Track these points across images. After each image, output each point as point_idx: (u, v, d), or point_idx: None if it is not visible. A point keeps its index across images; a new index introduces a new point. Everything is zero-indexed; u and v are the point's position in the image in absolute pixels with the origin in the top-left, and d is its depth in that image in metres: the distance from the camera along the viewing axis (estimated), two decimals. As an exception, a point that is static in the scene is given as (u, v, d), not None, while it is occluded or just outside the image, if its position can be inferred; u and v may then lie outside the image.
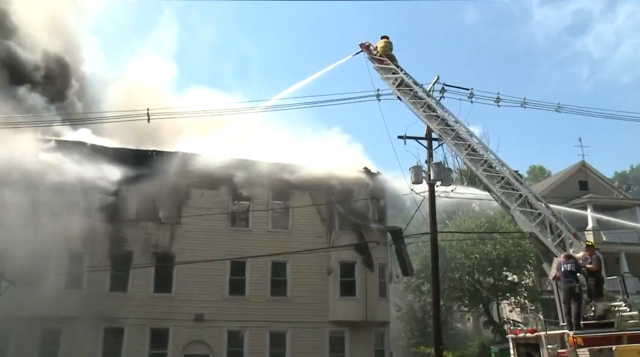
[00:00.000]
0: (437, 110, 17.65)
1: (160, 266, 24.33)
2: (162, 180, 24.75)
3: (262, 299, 25.01)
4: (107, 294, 23.79)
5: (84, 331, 23.12)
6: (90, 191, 24.07)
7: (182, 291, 24.30)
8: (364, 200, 26.49)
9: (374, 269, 25.98)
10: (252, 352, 24.43)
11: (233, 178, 25.55)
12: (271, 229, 25.96)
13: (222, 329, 24.37)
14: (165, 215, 25.09)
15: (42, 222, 22.47)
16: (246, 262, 24.65)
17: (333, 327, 25.37)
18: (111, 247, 24.20)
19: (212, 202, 25.18)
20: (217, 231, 24.91)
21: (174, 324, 24.03)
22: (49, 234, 22.51)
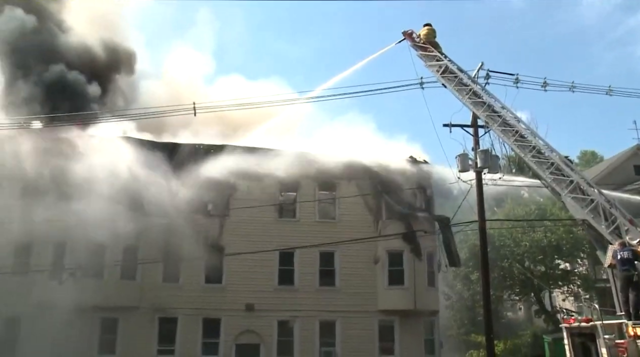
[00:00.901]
0: (483, 96, 17.44)
1: (211, 258, 24.83)
2: (210, 173, 25.22)
3: (311, 288, 25.27)
4: (160, 285, 24.50)
5: (140, 320, 23.97)
6: (141, 185, 24.79)
7: (233, 281, 24.80)
8: (410, 189, 26.36)
9: (422, 258, 25.87)
10: (302, 342, 24.72)
11: (279, 170, 25.83)
12: (318, 219, 26.16)
13: (272, 319, 24.76)
14: (214, 208, 25.59)
15: (97, 216, 23.35)
16: (294, 253, 24.92)
17: (382, 317, 25.41)
18: (163, 240, 24.81)
19: (260, 194, 25.53)
20: (265, 222, 25.27)
21: (226, 314, 24.57)
22: (104, 227, 23.38)
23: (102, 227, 23.43)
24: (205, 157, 25.39)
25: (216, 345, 24.41)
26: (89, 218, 23.30)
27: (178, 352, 24.10)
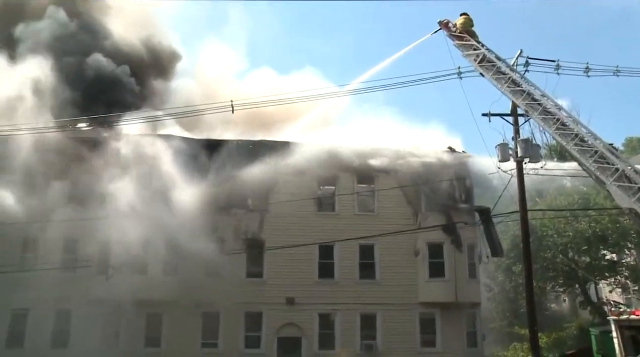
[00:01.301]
0: (522, 84, 17.18)
1: (251, 252, 25.13)
2: (249, 168, 25.51)
3: (352, 282, 25.33)
4: (202, 280, 24.85)
5: (184, 314, 24.42)
6: (183, 181, 25.28)
7: (273, 275, 25.05)
8: (449, 180, 26.15)
9: (462, 249, 25.65)
10: (343, 335, 24.82)
11: (318, 163, 25.96)
12: (357, 212, 26.18)
13: (313, 312, 24.92)
14: (253, 202, 25.87)
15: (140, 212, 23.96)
16: (334, 246, 25.01)
17: (423, 309, 25.31)
18: (204, 235, 25.22)
19: (299, 188, 25.68)
20: (304, 216, 25.42)
21: (267, 307, 24.84)
22: (147, 223, 23.96)
23: (144, 223, 24.08)
24: (243, 153, 25.66)
25: (258, 338, 24.71)
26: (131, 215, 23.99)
27: (221, 346, 24.51)
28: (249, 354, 23.95)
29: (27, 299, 23.68)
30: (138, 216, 23.99)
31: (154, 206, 24.44)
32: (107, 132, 25.05)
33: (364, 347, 24.60)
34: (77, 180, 24.90)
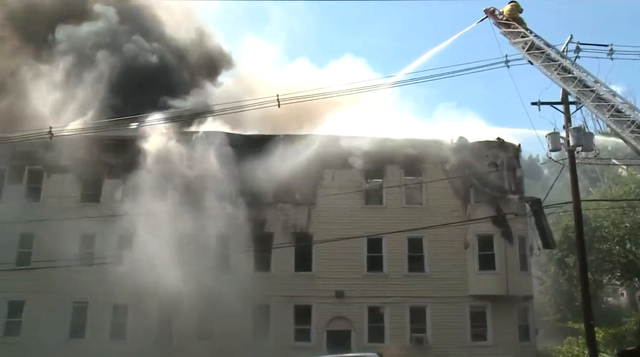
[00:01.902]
0: (573, 71, 16.76)
1: (300, 246, 25.35)
2: (296, 163, 25.70)
3: (400, 274, 25.22)
4: (252, 274, 25.24)
5: (235, 308, 24.79)
6: (230, 177, 25.71)
7: (322, 268, 25.18)
8: (498, 171, 25.71)
9: (513, 241, 25.17)
10: (392, 328, 24.76)
11: (365, 156, 25.95)
12: (405, 205, 26.03)
13: (363, 305, 24.95)
14: (301, 196, 26.07)
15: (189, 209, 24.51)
16: (382, 239, 24.95)
17: (473, 302, 25.00)
18: (253, 230, 25.63)
19: (346, 182, 25.74)
20: (351, 209, 25.43)
21: (316, 301, 25.01)
22: (196, 219, 24.50)
23: (194, 218, 24.63)
24: (290, 147, 25.86)
25: (308, 331, 24.92)
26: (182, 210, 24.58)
27: (272, 339, 24.77)
28: (299, 347, 24.08)
29: (86, 293, 24.62)
30: (187, 212, 24.58)
31: (203, 202, 24.98)
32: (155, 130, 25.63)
33: (413, 341, 24.47)
34: (127, 177, 25.66)
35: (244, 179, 25.91)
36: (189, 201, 25.06)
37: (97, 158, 25.45)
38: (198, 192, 25.36)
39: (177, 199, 25.22)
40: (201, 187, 25.41)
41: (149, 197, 25.49)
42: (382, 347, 23.08)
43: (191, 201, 25.05)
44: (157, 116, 23.97)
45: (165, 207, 25.03)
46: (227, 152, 25.61)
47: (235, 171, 25.91)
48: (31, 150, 26.64)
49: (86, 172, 26.12)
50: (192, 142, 25.41)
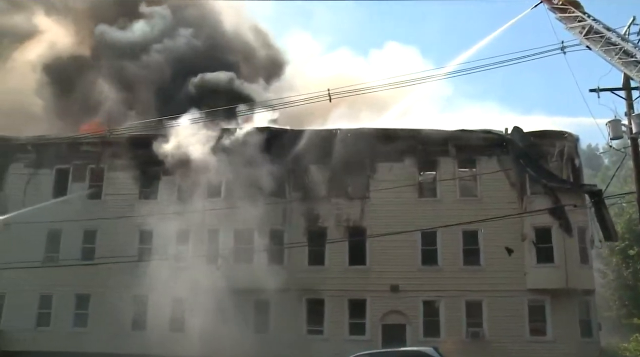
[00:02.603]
0: (637, 54, 16.14)
1: (354, 240, 25.37)
2: (348, 157, 25.77)
3: (456, 268, 24.84)
4: (306, 268, 25.48)
5: (289, 302, 25.14)
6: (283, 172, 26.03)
7: (376, 262, 25.12)
8: (556, 161, 25.02)
9: (572, 233, 24.40)
10: (448, 322, 24.44)
11: (417, 149, 25.76)
12: (460, 197, 25.64)
13: (418, 299, 24.74)
14: (354, 190, 26.08)
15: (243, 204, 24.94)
16: (437, 233, 24.67)
17: (531, 296, 24.34)
18: (307, 224, 25.85)
19: (399, 175, 25.60)
20: (405, 203, 25.25)
21: (371, 295, 24.97)
22: (250, 214, 24.92)
23: (248, 213, 25.06)
24: (342, 141, 25.96)
25: (363, 325, 24.91)
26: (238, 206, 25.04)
27: (327, 332, 24.94)
28: (354, 341, 24.05)
29: (146, 287, 25.38)
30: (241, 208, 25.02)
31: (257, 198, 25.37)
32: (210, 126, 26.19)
33: (470, 335, 24.12)
34: (184, 174, 26.32)
35: (297, 174, 26.22)
36: (243, 196, 25.49)
37: (153, 156, 26.12)
38: (252, 188, 25.77)
39: (232, 195, 25.69)
40: (255, 183, 25.82)
41: (204, 194, 26.20)
42: (438, 342, 22.80)
43: (245, 196, 25.47)
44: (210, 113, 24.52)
45: (219, 203, 25.60)
46: (279, 148, 25.91)
47: (289, 166, 26.23)
48: (92, 150, 27.84)
49: (144, 170, 26.95)
50: (245, 139, 25.76)
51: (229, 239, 25.41)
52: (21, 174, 28.26)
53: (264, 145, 25.67)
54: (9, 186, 28.25)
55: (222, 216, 25.42)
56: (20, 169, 28.37)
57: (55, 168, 28.32)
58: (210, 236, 25.81)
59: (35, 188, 27.91)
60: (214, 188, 26.32)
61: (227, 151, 25.68)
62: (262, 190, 25.59)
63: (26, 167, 28.39)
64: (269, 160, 26.02)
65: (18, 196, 27.68)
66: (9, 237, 26.74)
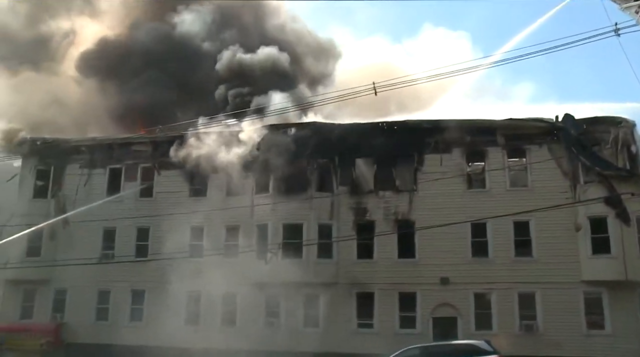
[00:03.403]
0: (698, 35, 15.38)
1: (402, 233, 25.21)
2: (395, 149, 25.62)
3: (507, 260, 24.31)
4: (355, 262, 25.48)
5: (339, 295, 25.23)
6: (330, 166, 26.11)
7: (426, 255, 24.87)
8: (610, 148, 24.14)
9: (631, 223, 23.48)
10: (500, 314, 23.97)
11: (465, 140, 25.36)
12: (509, 188, 25.06)
13: (468, 292, 24.35)
14: (401, 183, 25.90)
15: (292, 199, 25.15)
16: (487, 224, 24.22)
17: (587, 288, 23.55)
18: (355, 218, 25.84)
19: (446, 166, 25.27)
20: (453, 194, 24.89)
21: (421, 287, 24.75)
22: (299, 209, 25.11)
23: (297, 208, 25.26)
24: (388, 134, 25.83)
25: (413, 319, 24.71)
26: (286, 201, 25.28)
27: (377, 326, 24.90)
28: (405, 334, 23.93)
29: (199, 283, 25.96)
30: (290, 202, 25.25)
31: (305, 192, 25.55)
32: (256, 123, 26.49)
33: (523, 328, 23.57)
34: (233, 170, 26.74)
35: (344, 168, 26.23)
36: (290, 191, 25.70)
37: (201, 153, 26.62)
38: (300, 182, 25.96)
39: (280, 190, 25.93)
40: (302, 178, 26.00)
41: (253, 190, 26.54)
42: (490, 335, 22.40)
43: (293, 191, 25.68)
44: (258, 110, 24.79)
45: (268, 198, 25.89)
46: (326, 142, 25.97)
47: (336, 160, 26.28)
48: (143, 149, 28.60)
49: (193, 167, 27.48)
50: (292, 134, 25.93)
51: (278, 233, 25.57)
52: (77, 174, 29.30)
53: (311, 139, 25.74)
54: (66, 186, 29.31)
55: (270, 211, 25.68)
56: (76, 169, 29.42)
57: (108, 168, 29.23)
58: (259, 231, 26.08)
59: (90, 188, 28.89)
60: (262, 184, 26.58)
61: (275, 147, 25.85)
62: (309, 185, 25.75)
63: (81, 168, 29.38)
64: (316, 154, 26.16)
65: (74, 196, 28.75)
66: (68, 236, 27.95)
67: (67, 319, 27.78)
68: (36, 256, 28.01)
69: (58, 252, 27.94)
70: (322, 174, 26.43)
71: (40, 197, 29.42)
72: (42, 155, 29.67)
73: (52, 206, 28.80)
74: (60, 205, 28.65)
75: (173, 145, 27.45)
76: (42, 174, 29.87)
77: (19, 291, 28.68)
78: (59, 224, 27.07)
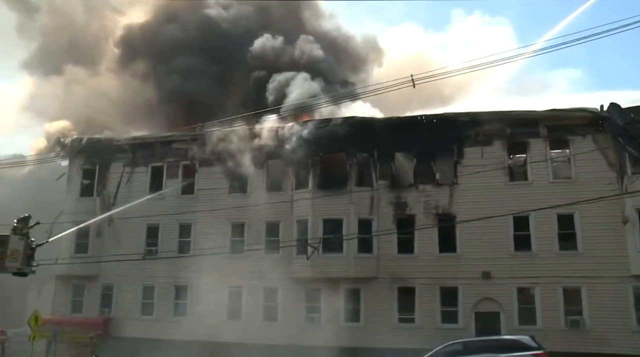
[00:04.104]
0: None
1: (443, 227, 24.96)
2: (434, 143, 25.37)
3: (551, 253, 23.72)
4: (395, 257, 25.36)
5: (380, 290, 25.19)
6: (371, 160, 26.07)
7: (467, 249, 24.55)
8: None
9: (683, 215, 22.65)
10: (544, 309, 23.42)
11: (506, 131, 24.90)
12: (552, 180, 24.43)
13: (511, 286, 23.87)
14: (441, 176, 25.64)
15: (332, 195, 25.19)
16: (529, 217, 23.71)
17: (637, 283, 22.77)
18: (395, 212, 25.72)
19: (487, 159, 24.80)
20: (495, 187, 24.41)
21: (462, 282, 24.42)
22: (337, 203, 25.16)
23: (337, 203, 25.31)
24: (427, 127, 25.59)
25: (455, 313, 24.43)
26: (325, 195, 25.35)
27: (418, 321, 24.70)
28: (446, 329, 23.73)
29: (240, 278, 26.34)
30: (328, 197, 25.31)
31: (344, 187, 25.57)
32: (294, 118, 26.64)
33: (569, 323, 23.01)
34: (273, 166, 27.00)
35: (383, 162, 26.13)
36: (330, 186, 25.76)
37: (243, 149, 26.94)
38: (339, 177, 26.00)
39: (319, 185, 26.02)
40: (341, 173, 26.02)
41: (292, 185, 26.72)
42: (535, 330, 22.02)
43: (333, 186, 25.73)
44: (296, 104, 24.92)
45: (307, 194, 26.00)
46: (365, 136, 25.91)
47: (375, 154, 26.20)
48: (183, 147, 29.10)
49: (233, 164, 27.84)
50: (331, 128, 25.92)
51: (318, 228, 25.66)
52: (120, 173, 30.04)
53: (350, 134, 25.71)
54: (110, 184, 30.08)
55: (310, 206, 25.79)
56: (119, 168, 30.17)
57: (150, 166, 29.86)
58: (300, 226, 26.22)
59: (133, 186, 29.60)
60: (301, 179, 26.72)
61: (314, 142, 25.95)
62: (349, 179, 25.76)
63: (124, 166, 30.10)
64: (354, 149, 26.14)
65: (118, 194, 29.51)
66: (114, 233, 28.73)
67: (114, 313, 28.59)
68: (84, 253, 29.01)
69: (104, 249, 28.84)
70: (361, 169, 26.33)
71: (86, 195, 30.33)
72: (88, 155, 30.49)
73: (97, 204, 29.61)
74: (105, 203, 29.46)
75: (213, 142, 27.83)
76: (88, 173, 30.77)
77: (69, 286, 29.73)
78: (104, 221, 27.80)
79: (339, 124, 25.88)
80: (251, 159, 27.12)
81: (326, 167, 26.43)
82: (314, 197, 25.65)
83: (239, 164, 27.14)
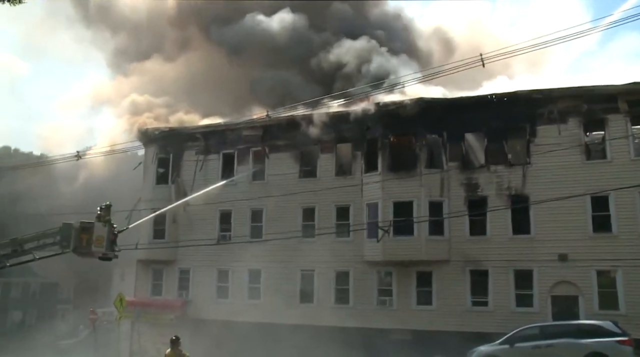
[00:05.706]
0: None
1: (516, 208, 24.29)
2: (506, 122, 24.65)
3: (633, 235, 22.33)
4: (467, 239, 24.94)
5: (452, 273, 24.89)
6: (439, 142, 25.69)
7: (542, 231, 23.74)
8: None
9: None
10: (628, 293, 22.18)
11: (582, 108, 23.79)
12: (634, 157, 22.98)
13: (590, 269, 22.83)
14: (514, 156, 24.92)
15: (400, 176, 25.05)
16: (609, 197, 22.59)
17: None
18: (466, 194, 25.26)
19: (562, 137, 23.74)
20: (570, 166, 23.37)
21: (537, 264, 23.66)
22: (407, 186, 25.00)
23: (407, 186, 25.16)
24: (498, 106, 24.87)
25: (530, 297, 23.74)
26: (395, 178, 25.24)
27: (491, 304, 24.23)
28: (521, 313, 23.14)
29: (311, 262, 26.74)
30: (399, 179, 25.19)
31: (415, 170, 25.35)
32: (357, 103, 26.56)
33: (657, 308, 21.94)
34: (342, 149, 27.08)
35: (453, 143, 25.69)
36: (400, 168, 25.61)
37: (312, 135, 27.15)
38: (409, 159, 25.79)
39: (388, 167, 25.92)
40: (411, 155, 25.80)
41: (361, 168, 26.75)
42: (617, 315, 21.09)
43: (403, 168, 25.57)
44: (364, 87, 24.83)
45: (377, 177, 25.95)
46: (435, 117, 25.52)
47: (445, 136, 25.79)
48: (254, 133, 29.64)
49: (303, 149, 28.13)
50: (400, 110, 25.66)
51: (388, 211, 25.57)
52: (193, 160, 30.96)
53: (419, 115, 25.39)
54: (184, 172, 31.10)
55: (380, 189, 25.74)
56: (192, 156, 31.10)
57: (221, 153, 30.59)
58: (370, 209, 26.22)
59: (206, 173, 30.45)
60: (371, 162, 26.68)
61: (383, 124, 25.87)
62: (419, 161, 25.50)
63: (197, 154, 30.98)
64: (424, 130, 25.82)
65: (192, 181, 30.46)
66: (188, 219, 29.74)
67: (191, 296, 29.68)
68: (161, 238, 30.21)
69: (180, 235, 29.90)
70: (431, 150, 25.99)
71: (162, 183, 31.52)
72: (162, 144, 31.57)
73: (172, 191, 30.67)
74: (179, 190, 30.47)
75: (283, 128, 28.19)
76: (163, 162, 31.91)
77: (148, 270, 31.14)
78: (179, 208, 28.81)
79: (408, 105, 25.56)
80: (321, 143, 27.33)
81: (395, 150, 26.25)
82: (384, 179, 25.55)
83: (308, 149, 27.37)
